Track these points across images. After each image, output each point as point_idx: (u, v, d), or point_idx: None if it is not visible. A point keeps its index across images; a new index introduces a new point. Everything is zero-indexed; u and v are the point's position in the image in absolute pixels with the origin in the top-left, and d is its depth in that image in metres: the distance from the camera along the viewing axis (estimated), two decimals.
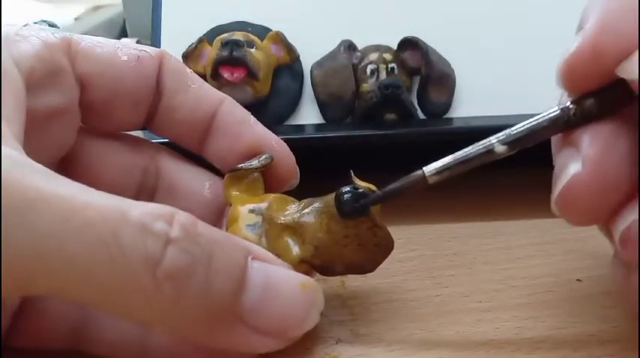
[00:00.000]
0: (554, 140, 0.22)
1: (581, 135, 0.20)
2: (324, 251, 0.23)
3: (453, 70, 0.34)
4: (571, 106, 0.21)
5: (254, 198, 0.24)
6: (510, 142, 0.21)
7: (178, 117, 0.25)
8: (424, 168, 0.22)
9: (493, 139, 0.22)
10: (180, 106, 0.25)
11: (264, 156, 0.25)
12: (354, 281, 0.26)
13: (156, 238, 0.17)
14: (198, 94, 0.25)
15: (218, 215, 0.26)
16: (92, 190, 0.18)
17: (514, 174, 0.35)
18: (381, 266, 0.24)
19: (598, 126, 0.20)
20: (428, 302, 0.26)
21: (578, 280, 0.27)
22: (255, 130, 0.25)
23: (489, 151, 0.22)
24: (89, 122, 0.25)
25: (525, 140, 0.21)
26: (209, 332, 0.19)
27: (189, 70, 0.26)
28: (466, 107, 0.34)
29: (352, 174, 0.24)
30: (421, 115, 0.34)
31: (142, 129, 0.26)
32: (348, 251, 0.23)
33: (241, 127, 0.25)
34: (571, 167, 0.20)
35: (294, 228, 0.23)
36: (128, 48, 0.24)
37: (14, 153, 0.17)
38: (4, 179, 0.16)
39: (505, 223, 0.32)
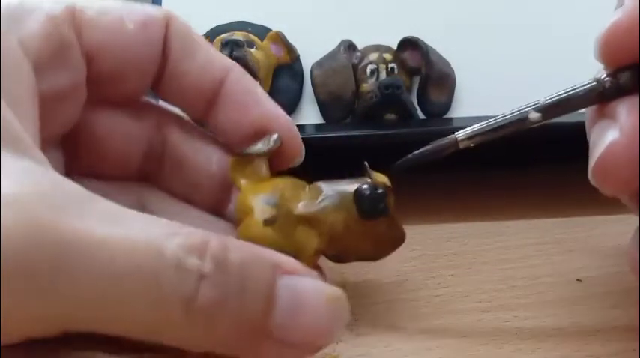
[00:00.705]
0: (589, 115, 0.22)
1: (617, 105, 0.21)
2: (339, 243, 0.23)
3: (453, 70, 0.34)
4: (606, 79, 0.21)
5: (263, 184, 0.24)
6: (544, 110, 0.22)
7: (184, 84, 0.24)
8: (456, 133, 0.23)
9: (527, 106, 0.22)
10: (186, 72, 0.24)
11: (272, 139, 0.24)
12: (354, 282, 0.26)
13: (189, 275, 0.17)
14: (205, 60, 0.24)
15: (226, 189, 0.25)
16: (128, 220, 0.17)
17: (514, 174, 0.35)
18: (381, 265, 0.24)
19: (633, 98, 0.20)
20: (428, 302, 0.26)
21: (578, 280, 0.27)
22: (263, 105, 0.25)
23: (523, 118, 0.22)
24: (95, 93, 0.24)
25: (559, 108, 0.22)
26: (238, 349, 0.19)
27: (196, 34, 0.25)
28: (466, 107, 0.34)
29: (367, 167, 0.24)
30: (421, 115, 0.34)
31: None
32: (363, 245, 0.23)
33: (248, 100, 0.24)
34: (608, 135, 0.20)
35: (310, 220, 0.23)
36: (134, 13, 0.23)
37: (43, 180, 0.17)
38: (45, 227, 0.16)
39: (505, 223, 0.32)
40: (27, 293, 0.16)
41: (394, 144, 0.33)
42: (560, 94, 0.22)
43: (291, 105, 0.34)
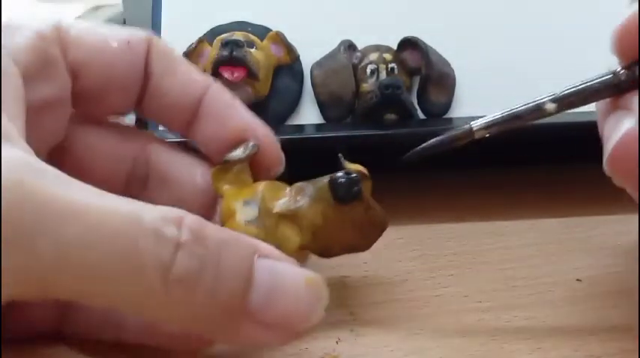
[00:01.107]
0: (601, 108, 0.23)
1: (632, 97, 0.21)
2: (322, 236, 0.23)
3: (452, 70, 0.34)
4: (622, 71, 0.22)
5: (244, 189, 0.24)
6: (560, 100, 0.22)
7: (166, 101, 0.25)
8: (472, 123, 0.23)
9: (544, 97, 0.22)
10: (167, 90, 0.25)
11: (250, 146, 0.25)
12: (354, 281, 0.26)
13: (167, 243, 0.18)
14: (185, 78, 0.25)
15: (211, 203, 0.26)
16: (108, 196, 0.18)
17: (514, 174, 0.35)
18: (381, 265, 0.24)
19: None
20: (428, 302, 0.26)
21: (578, 280, 0.27)
22: (241, 116, 0.25)
23: (539, 108, 0.22)
24: (80, 109, 0.25)
25: (575, 100, 0.22)
26: (217, 329, 0.19)
27: (177, 54, 0.26)
28: (466, 107, 0.34)
29: (341, 158, 0.24)
30: (421, 115, 0.34)
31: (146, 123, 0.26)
32: (345, 234, 0.23)
33: (227, 112, 0.25)
34: (624, 124, 0.21)
35: (290, 217, 0.23)
36: (117, 33, 0.25)
37: (28, 158, 0.18)
38: (25, 189, 0.17)
39: (505, 223, 0.32)
40: (7, 249, 0.16)
41: (394, 144, 0.33)
42: (576, 86, 0.22)
43: (291, 105, 0.34)
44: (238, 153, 0.25)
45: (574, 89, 0.22)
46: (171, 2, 0.37)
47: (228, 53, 0.32)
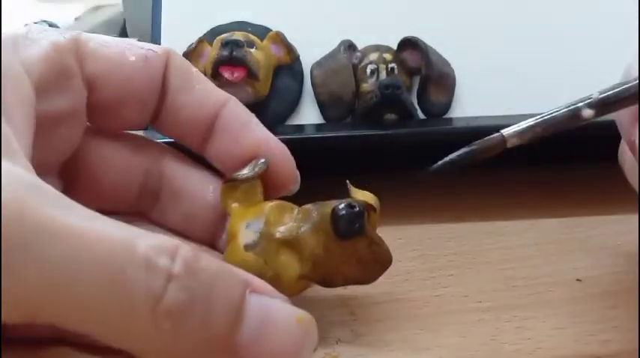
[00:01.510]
0: (629, 112, 0.22)
1: None
2: (323, 267, 0.23)
3: (452, 70, 0.34)
4: None
5: (251, 208, 0.24)
6: (598, 106, 0.21)
7: (182, 117, 0.25)
8: (503, 130, 0.22)
9: (578, 103, 0.21)
10: (184, 106, 0.25)
11: (259, 163, 0.24)
12: None
13: (158, 274, 0.17)
14: (202, 94, 0.25)
15: (222, 218, 0.25)
16: (103, 221, 0.18)
17: (514, 174, 0.35)
18: None
19: None
20: (428, 302, 0.26)
21: (578, 280, 0.27)
22: (256, 133, 0.25)
23: (576, 115, 0.21)
24: (95, 122, 0.25)
25: (613, 105, 0.21)
26: None
27: (194, 69, 0.26)
28: (466, 107, 0.34)
29: (349, 185, 0.24)
30: (421, 115, 0.34)
31: (146, 129, 0.26)
32: (347, 267, 0.23)
33: (243, 129, 0.25)
34: None
35: (292, 243, 0.23)
36: (135, 47, 0.24)
37: (28, 177, 0.18)
38: (21, 208, 0.16)
39: (505, 223, 0.32)
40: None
41: (394, 144, 0.33)
42: (612, 90, 0.21)
43: (291, 105, 0.34)
44: (246, 171, 0.24)
45: (611, 94, 0.21)
46: (171, 2, 0.37)
47: (228, 53, 0.32)
